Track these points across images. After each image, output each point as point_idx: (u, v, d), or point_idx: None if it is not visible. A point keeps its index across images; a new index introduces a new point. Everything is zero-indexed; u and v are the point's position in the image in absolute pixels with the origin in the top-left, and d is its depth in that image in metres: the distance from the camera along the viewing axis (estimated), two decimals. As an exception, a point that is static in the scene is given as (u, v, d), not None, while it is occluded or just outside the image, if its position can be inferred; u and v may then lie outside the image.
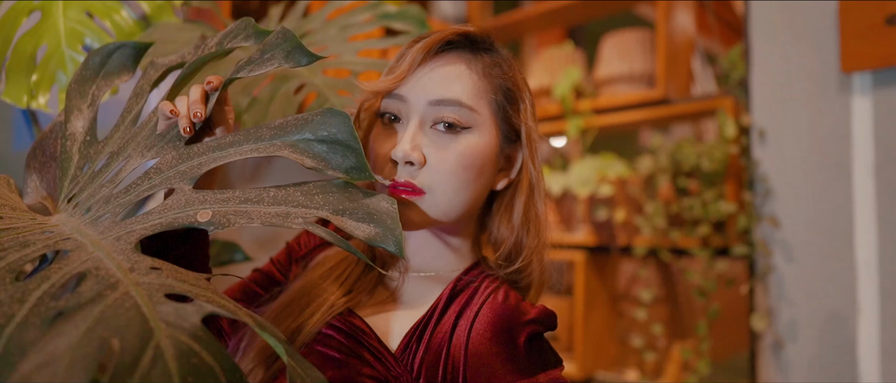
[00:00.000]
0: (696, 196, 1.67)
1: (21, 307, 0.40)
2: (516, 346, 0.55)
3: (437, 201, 0.58)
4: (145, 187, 0.56)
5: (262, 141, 0.55)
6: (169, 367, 0.38)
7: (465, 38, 0.62)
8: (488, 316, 0.56)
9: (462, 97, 0.59)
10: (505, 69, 0.63)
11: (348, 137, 0.53)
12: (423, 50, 0.60)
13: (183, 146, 0.59)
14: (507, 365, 0.54)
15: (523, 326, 0.56)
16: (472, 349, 0.55)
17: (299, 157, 0.53)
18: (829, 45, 1.48)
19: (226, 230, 0.54)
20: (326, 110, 0.54)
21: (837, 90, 1.47)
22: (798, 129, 1.54)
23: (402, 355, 0.56)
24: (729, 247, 1.63)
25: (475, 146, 0.59)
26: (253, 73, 0.58)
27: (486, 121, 0.61)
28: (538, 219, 0.63)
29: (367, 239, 0.48)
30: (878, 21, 1.36)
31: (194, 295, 0.44)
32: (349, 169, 0.53)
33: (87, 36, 0.88)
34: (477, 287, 0.60)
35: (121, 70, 0.73)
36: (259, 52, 0.58)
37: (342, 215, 0.50)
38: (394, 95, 0.61)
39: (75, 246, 0.49)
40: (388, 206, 0.50)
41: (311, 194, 0.52)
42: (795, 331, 1.53)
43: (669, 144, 1.78)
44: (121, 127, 0.67)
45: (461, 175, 0.59)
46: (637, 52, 1.97)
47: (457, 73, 0.60)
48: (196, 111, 0.56)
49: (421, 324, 0.58)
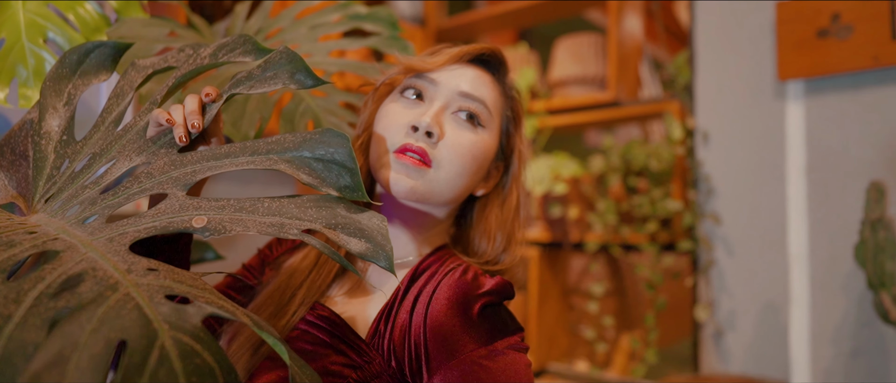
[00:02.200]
0: (645, 194, 1.76)
1: (18, 307, 0.40)
2: (471, 316, 0.57)
3: (440, 177, 0.62)
4: (136, 190, 0.56)
5: (259, 154, 0.57)
6: (174, 368, 0.39)
7: (496, 59, 0.69)
8: (445, 292, 0.59)
9: (487, 99, 0.66)
10: (516, 96, 0.72)
11: (345, 158, 0.54)
12: (462, 54, 0.67)
13: (176, 153, 0.59)
14: (464, 335, 0.56)
15: (478, 298, 0.58)
16: (430, 324, 0.57)
17: (295, 172, 0.55)
18: (767, 55, 1.59)
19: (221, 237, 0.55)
20: (325, 130, 0.56)
21: (774, 96, 1.58)
22: (738, 133, 1.65)
23: (372, 340, 0.58)
24: (675, 242, 1.73)
25: (485, 142, 0.66)
26: (254, 89, 0.58)
27: (495, 131, 0.68)
28: (517, 238, 0.68)
29: (359, 253, 0.50)
30: (811, 34, 1.47)
31: (193, 296, 0.46)
32: (343, 187, 0.54)
33: (50, 29, 0.86)
34: (438, 267, 0.63)
35: (99, 69, 0.71)
36: (260, 69, 0.59)
37: (335, 229, 0.52)
38: (424, 76, 0.66)
39: (65, 246, 0.49)
40: (378, 224, 0.52)
41: (305, 207, 0.54)
42: (734, 321, 1.64)
43: (619, 145, 1.86)
44: (101, 128, 0.66)
45: (468, 161, 0.64)
46: (589, 56, 2.05)
47: (485, 80, 0.68)
48: (194, 122, 0.56)
49: (386, 309, 0.60)
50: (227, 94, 0.60)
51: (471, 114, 0.65)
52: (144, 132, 0.63)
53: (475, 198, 0.70)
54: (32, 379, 0.35)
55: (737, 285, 1.64)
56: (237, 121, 0.79)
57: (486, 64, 0.69)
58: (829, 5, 1.44)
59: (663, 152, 1.71)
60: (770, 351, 1.57)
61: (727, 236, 1.65)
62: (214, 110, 0.59)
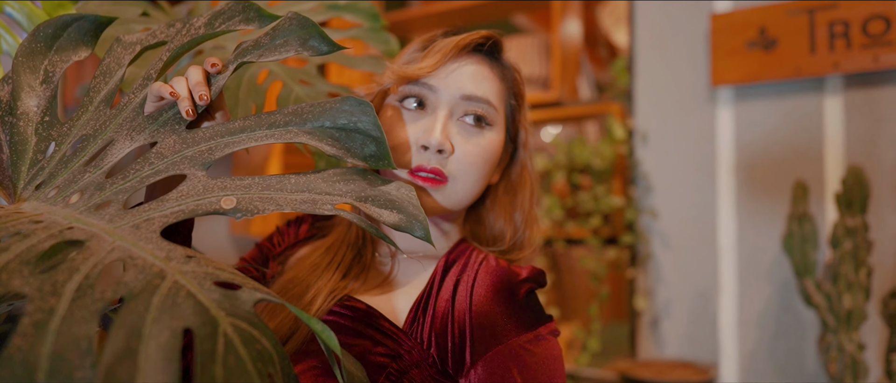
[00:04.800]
0: (588, 191, 1.84)
1: (58, 300, 0.38)
2: (518, 302, 0.58)
3: (457, 189, 0.61)
4: (148, 172, 0.53)
5: (277, 127, 0.54)
6: (241, 354, 0.38)
7: (491, 43, 0.65)
8: (487, 279, 0.59)
9: (491, 97, 0.63)
10: (516, 77, 0.68)
11: (370, 126, 0.53)
12: (457, 47, 0.62)
13: (184, 130, 0.56)
14: (510, 321, 0.57)
15: (521, 283, 0.60)
16: (475, 310, 0.57)
17: (318, 144, 0.53)
18: (702, 62, 1.72)
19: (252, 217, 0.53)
20: (346, 98, 0.54)
21: (707, 101, 1.71)
22: (674, 134, 1.76)
23: (411, 329, 0.58)
24: (617, 236, 1.82)
25: (494, 142, 0.63)
26: (263, 58, 0.56)
27: (501, 122, 0.65)
28: (536, 219, 0.69)
29: (393, 225, 0.50)
30: (741, 45, 1.60)
31: (239, 282, 0.44)
32: (369, 156, 0.53)
33: (6, 3, 0.79)
34: (468, 257, 0.63)
35: (77, 45, 0.66)
36: (268, 37, 0.56)
37: (366, 202, 0.51)
38: (422, 83, 0.62)
39: (88, 236, 0.46)
40: (407, 194, 0.52)
41: (332, 181, 0.53)
42: (669, 309, 1.75)
43: (564, 143, 1.94)
44: (90, 107, 0.62)
45: (482, 168, 0.62)
46: (534, 57, 2.12)
47: (484, 73, 0.64)
48: (201, 93, 0.54)
49: (423, 298, 0.60)
50: (233, 65, 0.57)
51: (478, 117, 0.62)
52: (141, 109, 0.59)
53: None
54: (108, 376, 0.33)
55: (672, 276, 1.75)
56: (231, 110, 0.76)
57: (483, 51, 0.65)
58: (758, 19, 1.58)
59: (606, 151, 1.80)
60: (701, 337, 1.70)
61: (663, 230, 1.77)
62: (221, 82, 0.56)
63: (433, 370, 0.56)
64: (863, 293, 1.30)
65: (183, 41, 0.62)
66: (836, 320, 1.31)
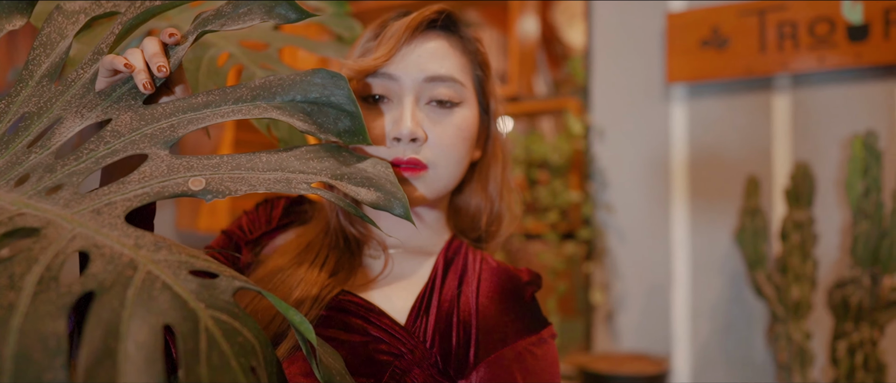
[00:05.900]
0: (546, 186, 1.85)
1: (18, 295, 0.33)
2: (524, 304, 0.58)
3: (440, 175, 0.59)
4: (104, 152, 0.48)
5: (244, 102, 0.50)
6: (223, 350, 0.35)
7: (445, 17, 0.62)
8: (492, 280, 0.59)
9: (455, 73, 0.60)
10: (478, 45, 0.64)
11: (343, 100, 0.50)
12: (409, 28, 0.59)
13: (141, 106, 0.51)
14: (516, 323, 0.57)
15: (526, 286, 0.60)
16: (482, 311, 0.56)
17: (289, 119, 0.50)
18: (657, 60, 1.75)
19: (225, 199, 0.49)
20: (317, 70, 0.51)
21: (661, 98, 1.75)
22: (630, 130, 1.79)
23: (413, 327, 0.56)
24: (574, 231, 1.84)
25: (468, 118, 0.61)
26: (226, 27, 0.52)
27: (471, 96, 0.62)
28: (511, 188, 0.67)
29: (371, 203, 0.47)
30: (695, 43, 1.64)
31: (216, 270, 0.40)
32: (343, 132, 0.50)
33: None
34: (465, 256, 0.62)
35: (11, 13, 0.60)
36: (231, 6, 0.52)
37: (342, 180, 0.48)
38: (381, 74, 0.59)
39: (42, 222, 0.41)
40: (383, 170, 0.49)
41: (306, 159, 0.49)
42: (624, 302, 1.78)
43: (521, 138, 1.94)
44: (29, 83, 0.55)
45: (460, 148, 0.60)
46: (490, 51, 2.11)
47: (444, 49, 0.60)
48: (160, 64, 0.49)
49: (424, 295, 0.58)
50: (193, 35, 0.53)
51: (444, 100, 0.59)
52: (92, 85, 0.54)
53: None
54: (88, 378, 0.29)
55: (627, 270, 1.78)
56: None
57: (437, 27, 0.61)
58: (711, 19, 1.63)
59: (564, 146, 1.81)
60: (655, 329, 1.73)
61: (619, 225, 1.79)
62: (181, 53, 0.52)
63: (434, 370, 0.54)
64: (809, 284, 1.35)
65: (137, 12, 0.57)
66: (784, 310, 1.36)
